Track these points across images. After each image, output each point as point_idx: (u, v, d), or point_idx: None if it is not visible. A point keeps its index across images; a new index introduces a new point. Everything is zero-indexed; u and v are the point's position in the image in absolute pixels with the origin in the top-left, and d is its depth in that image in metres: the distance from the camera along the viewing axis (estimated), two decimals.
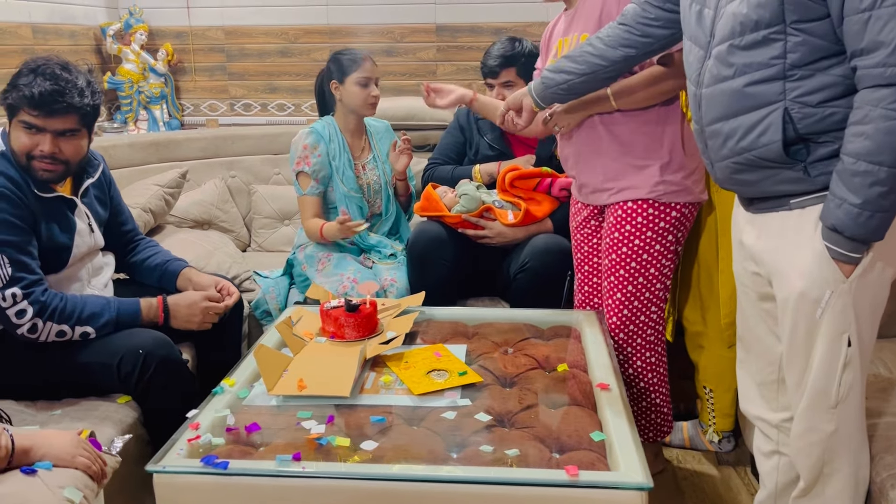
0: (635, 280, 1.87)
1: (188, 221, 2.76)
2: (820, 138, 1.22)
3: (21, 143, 1.67)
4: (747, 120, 1.28)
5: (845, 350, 1.27)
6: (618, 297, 1.89)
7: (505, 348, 1.85)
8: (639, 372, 1.94)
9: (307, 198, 2.45)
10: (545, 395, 1.59)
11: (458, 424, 1.47)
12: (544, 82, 1.73)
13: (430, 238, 2.28)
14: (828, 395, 1.30)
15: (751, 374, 1.53)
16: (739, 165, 1.32)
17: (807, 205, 1.27)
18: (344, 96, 2.44)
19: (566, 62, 1.69)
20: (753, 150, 1.28)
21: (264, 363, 1.63)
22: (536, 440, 1.41)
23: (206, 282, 1.97)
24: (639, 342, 1.92)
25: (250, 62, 3.27)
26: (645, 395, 1.95)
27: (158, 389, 1.67)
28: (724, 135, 1.32)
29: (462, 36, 3.15)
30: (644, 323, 1.91)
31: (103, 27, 3.09)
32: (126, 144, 2.77)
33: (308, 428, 1.44)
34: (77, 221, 1.80)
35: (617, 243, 1.87)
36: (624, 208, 1.85)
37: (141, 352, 1.65)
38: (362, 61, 2.41)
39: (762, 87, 1.25)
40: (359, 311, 1.82)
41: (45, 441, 1.23)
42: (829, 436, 1.32)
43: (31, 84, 1.63)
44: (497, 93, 2.42)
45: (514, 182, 2.33)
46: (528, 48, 2.41)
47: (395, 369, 1.69)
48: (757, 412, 1.53)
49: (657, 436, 1.99)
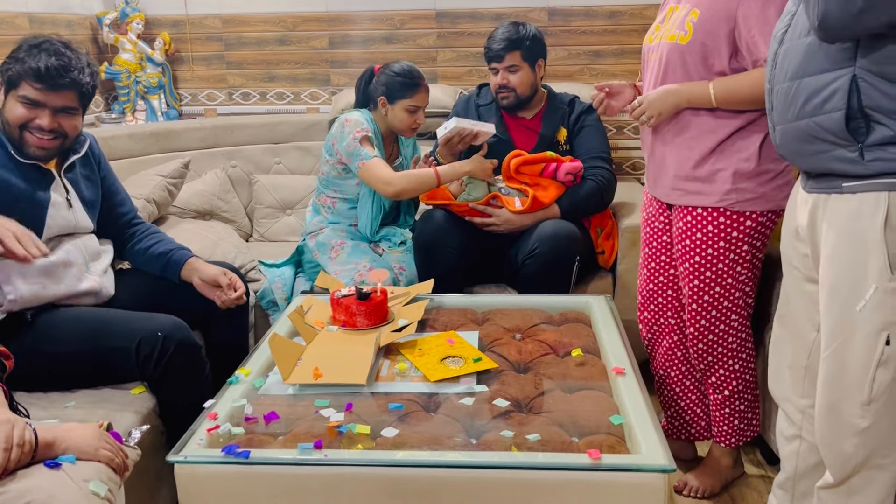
0: (711, 290, 1.79)
1: (190, 212, 2.74)
2: (883, 118, 1.17)
3: (16, 114, 1.67)
4: (814, 82, 1.22)
5: (882, 347, 1.23)
6: (694, 307, 1.83)
7: (516, 334, 1.85)
8: (722, 380, 1.88)
9: (377, 160, 2.28)
10: (561, 381, 1.59)
11: (476, 410, 1.47)
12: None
13: (436, 226, 2.28)
14: (861, 391, 1.26)
15: (784, 354, 1.52)
16: (800, 132, 1.28)
17: (858, 190, 1.23)
18: (389, 114, 2.39)
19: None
20: (816, 115, 1.23)
21: (279, 352, 1.62)
22: (555, 425, 1.41)
23: (214, 272, 1.93)
24: (720, 350, 1.85)
25: (248, 51, 3.24)
26: (729, 402, 1.89)
27: (175, 374, 1.66)
28: (791, 96, 1.28)
29: (462, 22, 3.13)
30: (724, 332, 1.83)
31: (100, 16, 3.05)
32: (126, 135, 2.74)
33: (327, 416, 1.44)
34: (52, 195, 1.76)
35: (689, 251, 1.80)
36: (693, 214, 1.77)
37: (160, 334, 1.63)
38: (419, 88, 2.34)
39: (835, 50, 1.18)
40: (370, 300, 1.82)
41: (68, 434, 1.22)
42: (861, 431, 1.28)
43: (37, 58, 1.63)
44: (501, 77, 2.41)
45: (519, 168, 2.33)
46: (532, 32, 2.40)
47: (410, 357, 1.69)
48: (784, 394, 1.53)
49: (738, 441, 1.92)
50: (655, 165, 1.86)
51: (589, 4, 3.07)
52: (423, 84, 2.37)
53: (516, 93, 2.42)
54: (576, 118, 2.48)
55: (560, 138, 2.45)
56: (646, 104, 1.76)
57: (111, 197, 1.97)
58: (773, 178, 1.71)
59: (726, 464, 1.96)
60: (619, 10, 3.07)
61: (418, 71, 2.38)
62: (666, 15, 1.79)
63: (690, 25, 1.67)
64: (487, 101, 2.54)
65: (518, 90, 2.42)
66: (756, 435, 1.95)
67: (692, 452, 2.11)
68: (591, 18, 3.09)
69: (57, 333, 1.66)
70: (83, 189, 1.86)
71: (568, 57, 3.13)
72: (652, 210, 1.96)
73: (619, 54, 3.11)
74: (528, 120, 2.50)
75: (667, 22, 1.77)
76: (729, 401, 1.90)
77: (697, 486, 1.95)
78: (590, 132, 2.46)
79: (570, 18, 3.10)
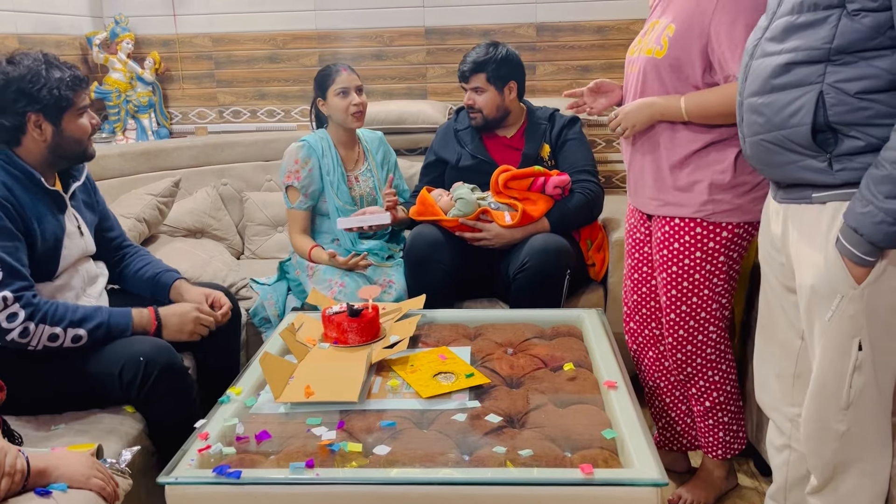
0: (689, 300, 1.80)
1: (181, 230, 2.73)
2: (849, 131, 1.21)
3: (84, 127, 1.75)
4: (782, 98, 1.27)
5: (855, 354, 1.26)
6: (672, 317, 1.84)
7: (508, 349, 1.85)
8: (703, 391, 1.88)
9: (295, 211, 2.47)
10: (553, 395, 1.59)
11: (468, 426, 1.47)
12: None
13: (426, 242, 2.28)
14: (838, 397, 1.29)
15: (768, 364, 1.54)
16: (768, 144, 1.31)
17: (827, 200, 1.27)
18: (330, 111, 2.46)
19: None
20: (783, 129, 1.27)
21: (270, 371, 1.62)
22: (548, 440, 1.41)
23: (196, 296, 1.94)
24: (699, 361, 1.86)
25: (239, 69, 3.25)
26: (711, 413, 1.89)
27: (161, 397, 1.65)
28: (759, 110, 1.32)
29: (451, 38, 3.15)
30: (703, 343, 1.84)
31: (89, 36, 3.05)
32: (116, 154, 2.74)
33: (319, 434, 1.43)
34: (67, 223, 1.78)
35: (667, 261, 1.81)
36: (671, 224, 1.79)
37: (142, 359, 1.63)
38: (338, 72, 2.42)
39: (803, 68, 1.23)
40: (361, 316, 1.82)
41: (60, 462, 1.22)
42: (840, 435, 1.32)
43: (68, 69, 1.71)
44: (468, 97, 2.44)
45: (507, 183, 2.34)
46: (503, 54, 2.41)
47: (402, 373, 1.68)
48: (772, 403, 1.54)
49: (726, 453, 1.92)
50: (635, 176, 1.88)
51: (577, 20, 3.10)
52: (343, 68, 2.44)
53: (483, 114, 2.44)
54: (558, 133, 2.49)
55: (544, 154, 2.46)
56: (622, 115, 1.80)
57: (103, 221, 1.99)
58: (749, 190, 1.73)
59: (719, 476, 1.96)
60: (607, 24, 3.10)
61: (337, 64, 2.48)
62: (648, 29, 1.82)
63: (666, 40, 1.70)
64: (465, 125, 2.54)
65: (484, 111, 2.43)
66: (744, 447, 1.95)
67: (685, 464, 2.11)
68: (579, 33, 3.12)
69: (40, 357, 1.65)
70: (85, 215, 1.88)
71: (557, 72, 3.15)
72: (633, 221, 1.98)
73: (607, 68, 3.13)
74: (509, 139, 2.51)
75: (647, 35, 1.80)
76: (711, 412, 1.90)
77: (691, 499, 1.94)
78: (573, 146, 2.47)
79: (559, 34, 3.12)
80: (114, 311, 1.75)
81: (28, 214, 1.67)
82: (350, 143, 2.53)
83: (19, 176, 1.68)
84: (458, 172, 2.49)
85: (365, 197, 2.52)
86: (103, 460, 1.40)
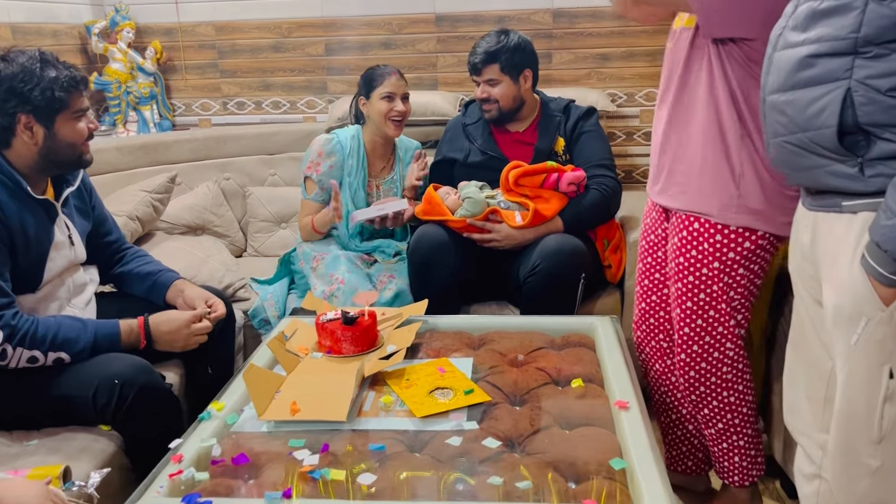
0: (705, 314, 1.66)
1: (180, 227, 2.64)
2: (883, 133, 1.06)
3: (79, 131, 1.64)
4: (806, 95, 1.12)
5: (886, 382, 1.12)
6: (686, 331, 1.69)
7: (514, 358, 1.73)
8: (715, 413, 1.75)
9: (310, 202, 2.39)
10: (559, 415, 1.46)
11: (464, 451, 1.34)
12: None
13: (432, 242, 2.15)
14: (869, 429, 1.15)
15: (799, 384, 1.39)
16: (793, 146, 1.17)
17: (858, 210, 1.12)
18: (370, 112, 2.36)
19: None
20: (807, 130, 1.13)
21: (254, 385, 1.51)
22: (550, 467, 1.29)
23: (197, 295, 1.85)
24: (714, 381, 1.71)
25: (243, 59, 3.14)
26: (725, 436, 1.76)
27: (139, 420, 1.55)
28: (781, 108, 1.17)
29: (463, 25, 3.00)
30: (719, 360, 1.69)
31: (88, 25, 2.95)
32: (113, 148, 2.65)
33: (301, 459, 1.32)
34: (56, 232, 1.69)
35: (683, 270, 1.67)
36: (689, 229, 1.65)
37: (117, 381, 1.52)
38: (388, 75, 2.33)
39: (828, 61, 1.09)
40: (357, 324, 1.70)
41: (11, 493, 1.11)
42: (874, 471, 1.17)
43: (65, 70, 1.60)
44: (482, 90, 2.29)
45: (518, 180, 2.20)
46: (515, 42, 2.26)
47: (396, 388, 1.56)
48: (801, 427, 1.39)
49: (744, 479, 1.78)
50: (659, 167, 1.73)
51: (595, 5, 2.93)
52: (394, 72, 2.35)
53: (499, 105, 2.30)
54: (573, 125, 2.34)
55: (558, 149, 2.32)
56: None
57: (100, 226, 1.90)
58: (778, 197, 1.57)
59: (743, 499, 1.81)
60: None
61: (388, 66, 2.38)
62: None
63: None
64: (475, 119, 2.42)
65: (500, 103, 2.30)
66: (763, 472, 1.80)
67: (706, 484, 1.97)
68: (598, 20, 2.95)
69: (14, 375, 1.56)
70: (77, 222, 1.79)
71: (574, 60, 2.99)
72: (650, 221, 1.84)
73: (627, 57, 2.97)
74: (521, 133, 2.37)
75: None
76: (725, 434, 1.76)
77: None
78: (589, 138, 2.32)
79: (576, 20, 2.96)
80: (100, 328, 1.64)
81: (13, 224, 1.57)
82: (383, 150, 2.43)
83: (6, 181, 1.58)
84: (466, 169, 2.36)
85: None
86: (71, 483, 1.31)
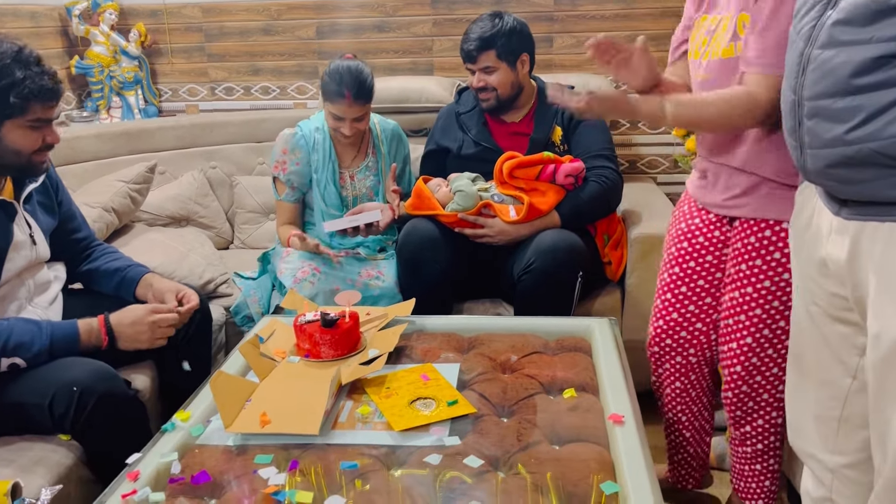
0: (776, 323, 1.51)
1: (163, 218, 2.53)
2: None
3: (28, 141, 1.51)
4: (875, 100, 0.98)
5: None
6: (748, 341, 1.54)
7: (506, 361, 1.62)
8: (759, 432, 1.62)
9: (282, 203, 2.31)
10: (549, 429, 1.35)
11: (444, 469, 1.24)
12: None
13: (421, 238, 2.04)
14: None
15: (805, 403, 1.27)
16: (846, 158, 1.03)
17: None
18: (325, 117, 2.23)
19: None
20: (875, 140, 0.98)
21: (222, 394, 1.40)
22: (536, 490, 1.18)
23: (166, 288, 1.76)
24: (765, 398, 1.58)
25: (231, 42, 3.02)
26: (763, 458, 1.65)
27: (100, 430, 1.45)
28: (837, 116, 1.03)
29: (460, 8, 2.87)
30: (775, 376, 1.56)
31: (68, 6, 2.83)
32: (93, 135, 2.54)
33: (266, 478, 1.21)
34: (16, 231, 1.59)
35: (759, 273, 1.50)
36: (774, 229, 1.49)
37: (75, 389, 1.42)
38: (340, 99, 2.08)
39: None
40: (336, 327, 1.59)
41: None
42: None
43: (36, 76, 1.45)
44: (478, 79, 2.15)
45: (513, 172, 2.08)
46: (510, 25, 2.12)
47: (375, 398, 1.46)
48: (810, 449, 1.28)
49: (767, 501, 1.68)
50: (717, 168, 1.56)
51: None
52: (347, 95, 2.07)
53: (497, 94, 2.17)
54: (571, 113, 2.21)
55: (555, 139, 2.19)
56: (595, 102, 1.52)
57: (68, 222, 1.80)
58: None
59: None
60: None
61: (352, 77, 2.07)
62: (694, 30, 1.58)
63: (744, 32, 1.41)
64: (469, 108, 2.29)
65: (499, 91, 2.16)
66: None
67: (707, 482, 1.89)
68: (601, 2, 2.81)
69: None
70: (41, 219, 1.68)
71: (576, 45, 2.86)
72: (698, 223, 1.65)
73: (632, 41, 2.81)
74: (517, 123, 2.25)
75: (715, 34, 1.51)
76: (762, 456, 1.64)
77: None
78: (588, 127, 2.19)
79: (578, 2, 2.82)
80: (56, 330, 1.54)
81: None
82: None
83: None
84: (459, 161, 2.23)
85: (360, 198, 2.28)
86: (20, 500, 1.21)
